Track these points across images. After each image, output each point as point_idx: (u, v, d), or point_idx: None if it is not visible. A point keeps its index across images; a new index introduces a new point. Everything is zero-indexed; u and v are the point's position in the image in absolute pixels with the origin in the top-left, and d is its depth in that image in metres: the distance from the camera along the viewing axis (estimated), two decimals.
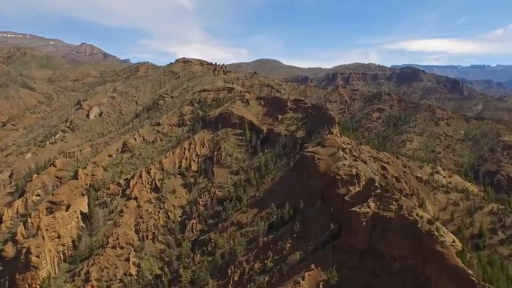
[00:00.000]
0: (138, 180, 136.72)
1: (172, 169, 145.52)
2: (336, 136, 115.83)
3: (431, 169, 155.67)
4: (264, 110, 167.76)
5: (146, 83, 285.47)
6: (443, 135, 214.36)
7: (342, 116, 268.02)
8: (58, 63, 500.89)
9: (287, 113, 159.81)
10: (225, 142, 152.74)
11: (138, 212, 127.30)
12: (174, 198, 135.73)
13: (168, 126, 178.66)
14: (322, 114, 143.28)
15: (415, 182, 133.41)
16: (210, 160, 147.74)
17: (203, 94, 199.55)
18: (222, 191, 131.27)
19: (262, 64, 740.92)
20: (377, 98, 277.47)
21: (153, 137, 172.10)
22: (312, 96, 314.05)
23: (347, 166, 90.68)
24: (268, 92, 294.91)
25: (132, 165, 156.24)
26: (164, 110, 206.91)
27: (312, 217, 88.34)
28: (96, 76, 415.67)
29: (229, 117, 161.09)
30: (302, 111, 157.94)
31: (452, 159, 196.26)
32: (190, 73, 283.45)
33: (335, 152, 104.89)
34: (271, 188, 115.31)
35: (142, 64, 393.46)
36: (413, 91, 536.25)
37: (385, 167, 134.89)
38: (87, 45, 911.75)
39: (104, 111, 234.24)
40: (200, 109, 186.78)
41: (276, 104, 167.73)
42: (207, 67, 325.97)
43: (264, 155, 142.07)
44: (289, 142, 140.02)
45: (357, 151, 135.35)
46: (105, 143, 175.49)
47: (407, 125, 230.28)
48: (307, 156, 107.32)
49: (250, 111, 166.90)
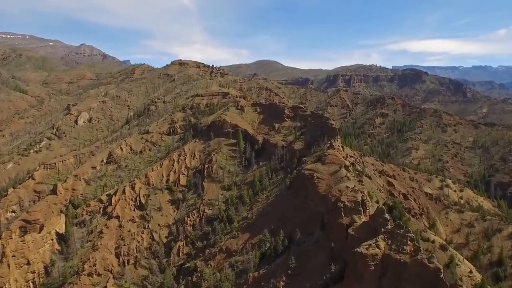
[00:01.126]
0: (121, 197, 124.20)
1: (159, 183, 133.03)
2: (338, 151, 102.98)
3: (440, 182, 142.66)
4: (260, 117, 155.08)
5: (140, 86, 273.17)
6: (450, 142, 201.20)
7: (343, 121, 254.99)
8: (54, 64, 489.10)
9: (284, 121, 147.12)
10: (217, 154, 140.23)
11: (120, 233, 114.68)
12: (160, 217, 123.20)
13: (157, 134, 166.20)
14: (323, 124, 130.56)
15: (425, 199, 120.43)
16: (200, 173, 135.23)
17: (196, 100, 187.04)
18: (212, 209, 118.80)
19: (262, 66, 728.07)
20: (380, 102, 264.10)
21: (141, 147, 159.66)
22: (313, 100, 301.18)
23: (350, 190, 77.87)
24: (267, 95, 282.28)
25: (117, 178, 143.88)
26: (155, 116, 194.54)
27: (310, 251, 75.57)
28: (92, 78, 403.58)
29: (222, 126, 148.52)
30: (300, 119, 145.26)
31: (460, 169, 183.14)
32: (185, 76, 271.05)
33: (336, 171, 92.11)
34: (265, 209, 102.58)
35: (138, 66, 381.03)
36: (416, 93, 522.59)
37: (392, 183, 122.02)
38: (86, 46, 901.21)
39: (94, 117, 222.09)
40: (193, 115, 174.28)
41: (273, 111, 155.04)
42: (204, 69, 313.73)
43: (259, 169, 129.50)
44: (286, 154, 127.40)
45: (360, 164, 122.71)
46: (90, 153, 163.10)
47: (412, 132, 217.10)
48: (305, 174, 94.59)
49: (245, 119, 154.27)
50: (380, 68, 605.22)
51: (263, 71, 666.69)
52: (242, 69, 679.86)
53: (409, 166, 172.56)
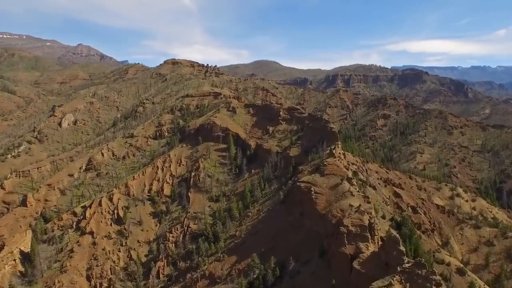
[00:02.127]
0: (96, 209, 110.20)
1: (141, 193, 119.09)
2: (339, 159, 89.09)
3: (450, 191, 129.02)
4: (253, 120, 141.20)
5: (130, 86, 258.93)
6: (457, 146, 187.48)
7: (343, 123, 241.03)
8: (47, 64, 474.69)
9: (279, 124, 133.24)
10: (205, 160, 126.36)
11: (93, 252, 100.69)
12: (140, 232, 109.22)
13: (143, 138, 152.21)
14: (321, 127, 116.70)
15: (436, 212, 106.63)
16: (186, 182, 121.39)
17: (186, 100, 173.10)
18: (198, 223, 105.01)
19: (261, 66, 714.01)
20: (381, 103, 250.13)
21: (125, 152, 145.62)
22: (311, 100, 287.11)
23: (355, 210, 64.01)
24: (263, 96, 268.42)
25: (96, 187, 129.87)
26: (142, 118, 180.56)
27: (306, 284, 61.70)
28: (85, 78, 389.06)
29: (212, 129, 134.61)
30: (297, 122, 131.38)
31: (469, 174, 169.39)
32: (178, 75, 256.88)
33: (338, 184, 78.29)
34: (255, 226, 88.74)
35: (132, 66, 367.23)
36: (416, 94, 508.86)
37: (398, 193, 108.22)
38: (83, 46, 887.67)
39: (79, 119, 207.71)
40: (182, 118, 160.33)
41: (267, 113, 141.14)
42: (198, 68, 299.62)
43: (251, 177, 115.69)
44: (280, 161, 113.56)
45: (364, 173, 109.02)
46: (70, 159, 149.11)
47: (416, 134, 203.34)
48: (301, 187, 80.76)
49: (236, 122, 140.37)
50: (380, 68, 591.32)
51: (261, 71, 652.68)
52: (240, 69, 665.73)
53: (414, 172, 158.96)
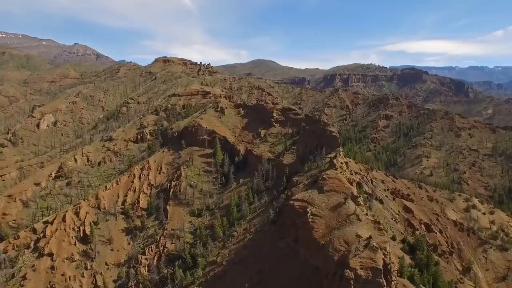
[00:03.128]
0: (59, 225, 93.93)
1: (113, 206, 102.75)
2: (342, 170, 73.00)
3: (465, 202, 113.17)
4: (244, 122, 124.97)
5: (118, 85, 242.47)
6: (466, 149, 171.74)
7: (342, 124, 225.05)
8: (38, 63, 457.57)
9: (272, 126, 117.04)
10: (188, 167, 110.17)
11: (50, 278, 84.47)
12: (109, 252, 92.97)
13: (122, 142, 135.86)
14: (320, 131, 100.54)
15: (453, 230, 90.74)
16: (166, 192, 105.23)
17: (172, 100, 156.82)
18: (176, 243, 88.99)
19: (258, 65, 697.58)
20: (383, 102, 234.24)
21: (101, 157, 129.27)
22: (309, 100, 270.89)
23: (364, 244, 47.97)
24: (258, 95, 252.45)
25: (65, 198, 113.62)
26: (126, 119, 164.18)
27: None
28: (76, 77, 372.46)
29: (196, 132, 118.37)
30: (292, 124, 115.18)
31: (480, 180, 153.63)
32: (169, 73, 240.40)
33: (340, 204, 62.24)
34: (240, 252, 72.62)
35: (124, 64, 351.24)
36: (416, 93, 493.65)
37: (409, 208, 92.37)
38: (79, 45, 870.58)
39: (60, 120, 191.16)
40: (166, 119, 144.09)
41: (259, 114, 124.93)
42: (191, 67, 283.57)
43: (239, 188, 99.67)
44: (272, 170, 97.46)
45: (369, 183, 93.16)
46: (41, 165, 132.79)
47: (421, 136, 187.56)
48: (294, 207, 64.68)
49: (225, 123, 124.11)
50: (379, 68, 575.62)
51: (258, 70, 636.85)
52: (237, 69, 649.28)
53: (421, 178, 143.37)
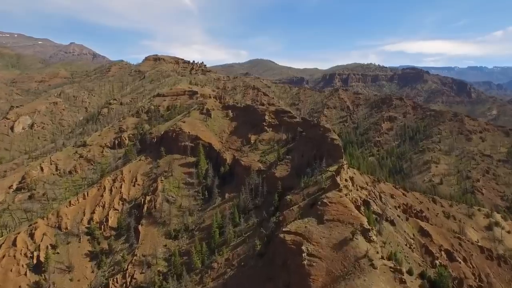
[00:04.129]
0: (7, 251, 78.08)
1: (78, 225, 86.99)
2: (347, 191, 57.21)
3: (486, 218, 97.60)
4: (232, 125, 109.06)
5: (105, 84, 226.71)
6: (478, 154, 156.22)
7: (343, 126, 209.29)
8: (29, 62, 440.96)
9: (264, 131, 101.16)
10: (166, 179, 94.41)
11: None
12: (68, 283, 77.12)
13: (97, 147, 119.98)
14: (320, 137, 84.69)
15: (480, 257, 74.98)
16: (139, 209, 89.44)
17: (156, 101, 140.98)
18: (146, 273, 73.19)
19: (256, 65, 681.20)
20: (386, 103, 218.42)
21: (72, 165, 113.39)
22: (307, 100, 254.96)
23: None
24: (254, 95, 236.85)
25: (26, 214, 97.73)
26: (107, 121, 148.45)
27: None
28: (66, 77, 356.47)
29: (178, 137, 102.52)
30: (287, 128, 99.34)
31: (496, 189, 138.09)
32: (158, 72, 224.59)
33: (346, 240, 46.54)
34: None
35: (116, 63, 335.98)
36: (417, 94, 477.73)
37: (426, 230, 76.60)
38: (76, 45, 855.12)
39: (38, 122, 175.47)
40: (148, 121, 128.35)
41: (249, 116, 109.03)
42: (184, 65, 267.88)
43: (223, 205, 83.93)
44: (263, 183, 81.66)
45: (377, 200, 77.47)
46: (3, 174, 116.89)
47: (428, 140, 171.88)
48: (286, 244, 48.90)
49: (211, 128, 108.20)
50: (379, 67, 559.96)
51: (256, 70, 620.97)
52: (235, 69, 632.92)
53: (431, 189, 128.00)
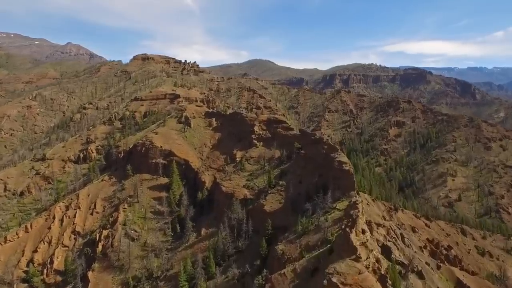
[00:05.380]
0: None
1: (13, 269, 67.23)
2: (366, 253, 37.30)
3: None
4: (216, 137, 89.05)
5: (87, 86, 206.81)
6: (500, 165, 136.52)
7: (346, 132, 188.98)
8: (19, 62, 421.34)
9: (253, 145, 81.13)
10: (130, 206, 74.58)
11: None
12: None
13: (59, 162, 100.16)
14: (323, 159, 64.62)
15: None
16: (93, 246, 69.64)
17: (133, 106, 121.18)
18: None
19: (254, 65, 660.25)
20: (392, 106, 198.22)
21: (26, 184, 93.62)
22: (307, 103, 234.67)
23: None
24: (249, 98, 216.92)
25: None
26: (76, 129, 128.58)
27: None
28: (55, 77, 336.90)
29: (147, 153, 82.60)
30: (282, 143, 79.19)
31: None
32: (145, 73, 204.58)
33: None
34: None
35: (106, 63, 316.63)
36: (420, 95, 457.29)
37: (465, 284, 56.75)
38: (72, 45, 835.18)
39: (6, 128, 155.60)
40: (121, 130, 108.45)
41: (236, 127, 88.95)
42: (175, 65, 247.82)
43: (198, 244, 64.11)
44: (248, 220, 61.73)
45: (399, 241, 57.63)
46: None
47: (442, 148, 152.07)
48: None
49: (189, 140, 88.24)
50: (380, 68, 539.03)
51: (255, 71, 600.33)
52: (233, 69, 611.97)
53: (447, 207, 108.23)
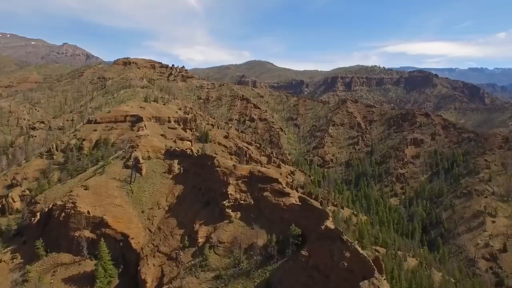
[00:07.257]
0: None
1: None
2: None
3: None
4: (175, 193, 58.98)
5: (56, 95, 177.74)
6: None
7: (354, 150, 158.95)
8: (2, 64, 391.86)
9: (226, 218, 51.23)
10: None
11: None
12: None
13: None
14: (341, 266, 35.10)
15: None
16: None
17: (84, 131, 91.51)
18: None
19: (253, 67, 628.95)
20: (407, 120, 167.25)
21: None
22: (307, 114, 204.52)
23: None
24: (242, 108, 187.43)
25: None
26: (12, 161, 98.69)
27: None
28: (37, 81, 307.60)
29: (67, 221, 52.96)
30: (270, 217, 49.59)
31: None
32: (123, 80, 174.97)
33: None
34: None
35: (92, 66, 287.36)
36: (426, 99, 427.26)
37: None
38: (69, 45, 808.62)
39: None
40: (62, 168, 79.01)
41: (205, 180, 58.77)
42: (160, 70, 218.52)
43: None
44: None
45: None
46: None
47: (473, 176, 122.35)
48: None
49: (136, 197, 58.42)
50: (384, 70, 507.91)
51: (253, 72, 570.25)
52: (231, 71, 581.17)
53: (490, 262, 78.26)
